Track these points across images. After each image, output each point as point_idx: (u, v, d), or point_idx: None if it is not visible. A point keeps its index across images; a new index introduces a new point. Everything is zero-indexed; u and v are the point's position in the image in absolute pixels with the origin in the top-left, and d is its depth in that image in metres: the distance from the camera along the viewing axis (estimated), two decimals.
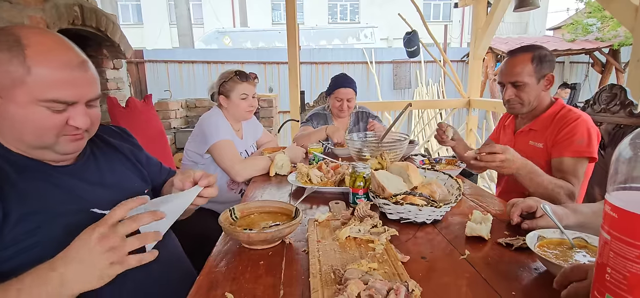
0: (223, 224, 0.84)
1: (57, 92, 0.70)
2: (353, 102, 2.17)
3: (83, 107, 0.76)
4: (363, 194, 1.10)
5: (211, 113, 1.72)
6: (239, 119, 1.79)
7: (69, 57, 0.73)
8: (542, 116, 1.44)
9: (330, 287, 0.65)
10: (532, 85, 1.40)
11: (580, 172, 1.31)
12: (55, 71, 0.70)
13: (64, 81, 0.71)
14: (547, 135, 1.40)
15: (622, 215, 0.41)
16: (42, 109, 0.70)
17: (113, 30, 3.14)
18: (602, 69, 7.11)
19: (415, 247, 0.85)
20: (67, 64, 0.72)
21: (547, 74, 1.40)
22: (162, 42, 15.38)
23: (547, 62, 1.39)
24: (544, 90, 1.43)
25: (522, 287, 0.68)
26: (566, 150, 1.32)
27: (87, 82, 0.76)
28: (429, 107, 5.96)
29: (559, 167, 1.34)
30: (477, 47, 3.62)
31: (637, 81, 1.84)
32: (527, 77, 1.39)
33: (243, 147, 1.79)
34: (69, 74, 0.72)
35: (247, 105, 1.73)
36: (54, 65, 0.70)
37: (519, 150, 1.50)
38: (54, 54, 0.71)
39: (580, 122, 1.32)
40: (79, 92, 0.74)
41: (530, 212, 0.93)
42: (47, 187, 0.75)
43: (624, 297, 0.41)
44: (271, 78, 7.06)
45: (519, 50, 1.43)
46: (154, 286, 0.85)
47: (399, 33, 5.92)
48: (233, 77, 1.70)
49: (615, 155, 0.43)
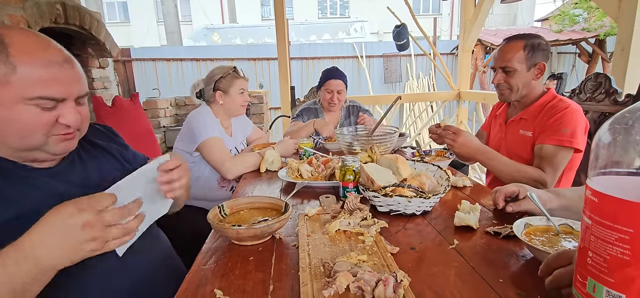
0: (212, 221, 0.83)
1: (44, 89, 0.69)
2: (343, 95, 2.17)
3: (73, 104, 0.75)
4: (353, 187, 1.10)
5: (199, 111, 1.70)
6: (233, 114, 1.78)
7: (53, 54, 0.72)
8: (533, 105, 1.46)
9: (320, 280, 0.65)
10: (521, 72, 1.41)
11: (558, 161, 1.31)
12: (41, 68, 0.69)
13: (50, 78, 0.70)
14: (536, 124, 1.41)
15: (602, 200, 0.41)
16: (30, 107, 0.69)
17: (98, 29, 3.08)
18: (589, 59, 7.22)
19: (405, 238, 0.85)
20: (53, 60, 0.71)
21: (539, 63, 1.41)
22: (150, 40, 15.15)
23: (541, 52, 1.40)
24: (534, 79, 1.44)
25: (510, 274, 0.69)
26: (549, 137, 1.33)
27: (74, 79, 0.75)
28: (419, 100, 5.99)
29: (538, 153, 1.36)
30: (466, 39, 3.64)
31: (621, 69, 1.87)
32: (517, 63, 1.41)
33: (233, 144, 1.78)
34: (55, 71, 0.71)
35: (243, 100, 1.75)
36: (39, 62, 0.69)
37: (509, 140, 1.52)
38: (39, 52, 0.70)
39: (568, 112, 1.33)
40: (66, 89, 0.72)
41: (514, 197, 0.96)
42: (30, 191, 0.73)
43: (605, 280, 0.42)
44: (261, 74, 7.01)
45: (515, 37, 1.44)
46: (144, 285, 0.84)
47: (389, 27, 5.93)
48: (231, 72, 1.71)
49: (595, 141, 0.44)
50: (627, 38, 1.83)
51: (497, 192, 0.97)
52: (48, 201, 0.75)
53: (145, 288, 0.84)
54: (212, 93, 1.71)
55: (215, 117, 1.71)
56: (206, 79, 1.74)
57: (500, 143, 1.59)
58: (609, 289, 0.41)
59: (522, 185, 0.96)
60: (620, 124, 0.42)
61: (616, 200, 0.40)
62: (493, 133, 1.68)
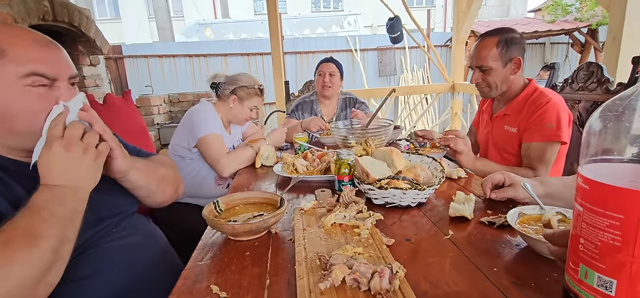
0: (207, 217, 0.83)
1: (36, 65, 0.71)
2: (336, 78, 2.17)
3: (67, 84, 0.77)
4: (348, 181, 1.11)
5: (202, 106, 1.69)
6: (234, 121, 1.78)
7: (36, 36, 0.75)
8: (515, 100, 1.46)
9: (316, 273, 0.65)
10: (497, 69, 1.41)
11: (548, 157, 1.32)
12: (29, 50, 0.72)
13: (39, 56, 0.72)
14: (520, 119, 1.42)
15: (593, 187, 0.42)
16: (26, 88, 0.71)
17: (87, 25, 3.03)
18: (582, 48, 7.28)
19: (401, 230, 0.86)
20: (37, 41, 0.74)
21: (514, 57, 1.40)
22: (141, 37, 14.97)
23: (515, 46, 1.39)
24: (512, 73, 1.43)
25: (504, 263, 0.69)
26: (535, 135, 1.34)
27: (62, 59, 0.77)
28: (413, 93, 6.00)
29: (527, 153, 1.36)
30: (460, 31, 3.65)
31: (613, 58, 1.89)
32: (492, 61, 1.40)
33: (231, 142, 1.78)
34: (43, 50, 0.74)
35: (250, 115, 1.76)
36: (26, 44, 0.72)
37: (495, 135, 1.54)
38: (23, 36, 0.73)
39: (550, 106, 1.33)
40: (57, 68, 0.75)
41: (500, 185, 0.98)
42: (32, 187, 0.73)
43: (596, 266, 0.42)
44: (255, 69, 6.97)
45: (488, 33, 1.44)
46: (141, 281, 0.84)
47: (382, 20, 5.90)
48: (255, 89, 1.71)
49: (586, 129, 0.44)
50: (619, 27, 1.84)
51: (485, 182, 0.99)
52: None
53: (143, 284, 0.84)
54: (229, 94, 1.69)
55: (217, 115, 1.70)
56: (230, 77, 1.72)
57: (488, 138, 1.60)
58: (600, 275, 0.42)
59: (507, 174, 0.99)
60: (611, 111, 0.42)
61: (607, 186, 0.40)
62: (480, 129, 1.69)
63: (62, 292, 0.71)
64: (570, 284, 0.46)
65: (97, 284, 0.77)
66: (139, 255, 0.87)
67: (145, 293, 0.84)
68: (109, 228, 0.85)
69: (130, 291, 0.81)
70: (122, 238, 0.86)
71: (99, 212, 0.82)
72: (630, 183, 0.39)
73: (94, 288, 0.76)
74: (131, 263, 0.84)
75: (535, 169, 1.32)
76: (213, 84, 1.74)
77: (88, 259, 0.78)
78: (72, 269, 0.73)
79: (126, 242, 0.86)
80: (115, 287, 0.79)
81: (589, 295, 0.43)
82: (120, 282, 0.80)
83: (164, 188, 1.01)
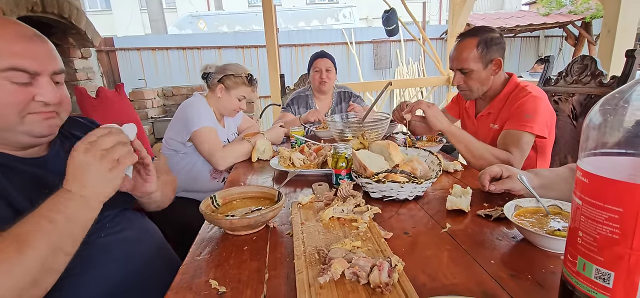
0: (204, 212, 0.82)
1: (15, 60, 0.68)
2: (332, 74, 2.16)
3: (48, 80, 0.73)
4: (345, 174, 1.11)
5: (194, 99, 1.67)
6: (223, 112, 1.76)
7: (21, 29, 0.71)
8: (497, 98, 1.45)
9: (315, 267, 0.65)
10: (478, 71, 1.40)
11: (523, 144, 1.29)
12: (10, 42, 0.68)
13: (21, 50, 0.69)
14: (501, 115, 1.42)
15: (593, 180, 0.42)
16: (2, 82, 0.67)
17: (78, 17, 2.97)
18: (575, 41, 7.32)
19: (398, 223, 0.86)
20: (21, 34, 0.70)
21: (495, 58, 1.39)
22: (134, 29, 14.72)
23: (495, 46, 1.37)
24: (493, 74, 1.42)
25: (501, 255, 0.70)
26: (511, 123, 1.33)
27: (47, 52, 0.74)
28: (409, 86, 6.00)
29: (503, 139, 1.34)
30: (455, 24, 3.64)
31: (607, 51, 1.90)
32: (473, 63, 1.38)
33: (225, 135, 1.76)
34: (26, 44, 0.70)
35: (238, 105, 1.71)
36: (8, 36, 0.68)
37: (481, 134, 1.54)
38: (7, 28, 0.69)
39: (529, 98, 1.32)
40: (39, 62, 0.71)
41: (498, 177, 0.99)
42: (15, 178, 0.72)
43: (594, 258, 0.42)
44: (250, 62, 6.90)
45: (467, 33, 1.41)
46: (138, 277, 0.84)
47: (377, 12, 5.87)
48: (243, 78, 1.67)
49: (586, 122, 0.44)
50: (613, 19, 1.86)
51: (482, 174, 0.99)
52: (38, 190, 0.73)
53: (139, 280, 0.84)
54: (216, 83, 1.67)
55: (209, 107, 1.68)
56: (219, 67, 1.70)
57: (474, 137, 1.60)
58: (598, 267, 0.42)
59: (504, 166, 0.99)
60: (610, 104, 0.42)
61: (606, 180, 0.41)
62: (466, 126, 1.70)
63: (54, 288, 0.71)
64: (568, 276, 0.47)
65: (91, 280, 0.76)
66: (134, 250, 0.86)
67: (142, 288, 0.84)
68: (103, 223, 0.84)
69: (126, 287, 0.81)
70: (116, 233, 0.85)
71: None
72: (629, 176, 0.39)
73: (88, 284, 0.76)
74: (126, 259, 0.83)
75: (510, 152, 1.29)
76: (204, 75, 1.72)
77: (81, 254, 0.77)
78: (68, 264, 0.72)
79: (121, 237, 0.86)
80: (110, 283, 0.78)
81: (586, 287, 0.44)
82: (115, 278, 0.79)
83: (168, 194, 1.03)
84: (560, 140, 1.63)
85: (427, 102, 1.36)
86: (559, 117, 1.64)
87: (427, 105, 1.34)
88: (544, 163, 1.47)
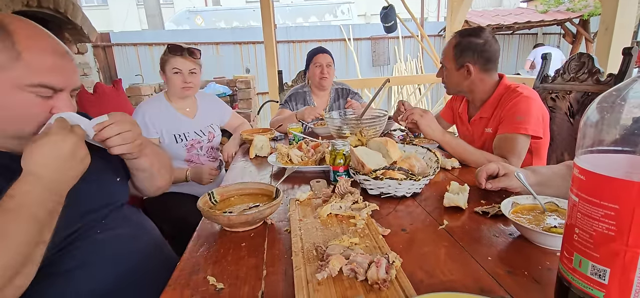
0: (202, 208, 0.82)
1: (46, 77, 0.70)
2: (332, 69, 2.16)
3: (68, 96, 0.76)
4: (343, 171, 1.11)
5: (141, 104, 1.63)
6: (177, 96, 1.67)
7: (56, 45, 0.74)
8: (488, 102, 1.44)
9: (313, 264, 0.65)
10: (451, 70, 1.42)
11: (518, 148, 1.28)
12: (46, 57, 0.70)
13: (53, 67, 0.71)
14: (494, 119, 1.41)
15: (589, 177, 0.42)
16: (28, 95, 0.69)
17: (74, 12, 2.95)
18: (573, 39, 7.33)
19: (396, 220, 0.86)
20: (56, 50, 0.73)
21: (466, 63, 1.38)
22: (130, 24, 14.60)
23: (469, 51, 1.36)
24: (464, 79, 1.42)
25: (498, 251, 0.70)
26: (505, 127, 1.32)
27: (73, 71, 0.76)
28: (407, 83, 6.00)
29: (497, 144, 1.33)
30: (454, 21, 3.64)
31: (605, 48, 1.90)
32: (448, 61, 1.42)
33: (193, 127, 1.69)
34: (58, 60, 0.72)
35: (181, 80, 1.60)
36: (44, 51, 0.70)
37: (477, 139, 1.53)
38: (43, 41, 0.71)
39: (521, 99, 1.31)
40: (66, 80, 0.74)
41: (495, 175, 0.99)
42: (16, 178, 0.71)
43: (590, 255, 0.43)
44: (248, 58, 6.87)
45: (458, 32, 1.44)
46: (135, 273, 0.84)
47: (376, 8, 5.86)
48: (166, 50, 1.61)
49: (583, 120, 0.44)
50: (611, 17, 1.86)
51: (479, 172, 1.00)
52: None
53: (136, 276, 0.83)
54: (161, 72, 1.64)
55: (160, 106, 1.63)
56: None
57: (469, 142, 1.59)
58: (594, 263, 0.43)
59: (501, 164, 1.00)
60: (607, 102, 0.42)
61: (603, 177, 0.41)
62: (460, 131, 1.70)
63: (50, 285, 0.71)
64: (564, 272, 0.47)
65: (88, 277, 0.76)
66: (131, 247, 0.86)
67: (138, 285, 0.83)
68: (97, 220, 0.84)
69: (122, 284, 0.80)
70: (111, 229, 0.85)
71: (87, 204, 0.81)
72: (626, 174, 0.39)
73: (84, 281, 0.75)
74: (122, 256, 0.83)
75: (506, 158, 1.28)
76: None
77: (76, 252, 0.76)
78: (59, 262, 0.72)
79: (116, 233, 0.85)
80: (106, 280, 0.78)
81: (582, 283, 0.44)
82: (111, 275, 0.79)
83: (164, 173, 1.02)
84: (557, 138, 1.64)
85: (421, 110, 1.35)
86: (556, 114, 1.65)
87: (420, 114, 1.33)
88: (539, 164, 1.47)
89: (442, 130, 1.33)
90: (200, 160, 1.71)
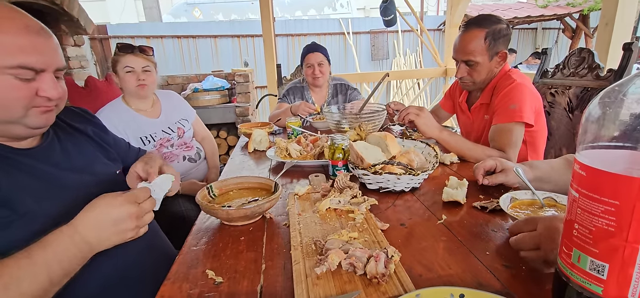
0: (201, 202, 0.82)
1: (23, 57, 0.67)
2: (325, 67, 2.14)
3: (52, 76, 0.73)
4: (342, 166, 1.10)
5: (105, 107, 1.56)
6: (133, 97, 1.61)
7: (28, 22, 0.69)
8: (488, 87, 1.44)
9: (312, 258, 0.65)
10: (484, 63, 1.37)
11: (514, 137, 1.27)
12: (18, 37, 0.67)
13: (28, 46, 0.68)
14: (491, 105, 1.40)
15: (590, 173, 0.42)
16: (8, 77, 0.66)
17: (70, 3, 2.91)
18: (572, 34, 7.32)
19: (395, 214, 0.86)
20: (29, 29, 0.69)
21: (501, 50, 1.36)
22: (127, 16, 14.46)
23: (502, 38, 1.34)
24: (497, 67, 1.40)
25: (496, 246, 0.71)
26: (499, 116, 1.31)
27: (52, 49, 0.73)
28: (406, 77, 5.98)
29: (493, 136, 1.33)
30: (454, 15, 3.62)
31: (605, 44, 1.90)
32: (480, 56, 1.35)
33: (160, 126, 1.64)
34: (33, 39, 0.69)
35: (135, 79, 1.54)
36: (15, 30, 0.66)
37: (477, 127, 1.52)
38: (14, 20, 0.67)
39: (513, 87, 1.30)
40: (45, 59, 0.70)
41: (492, 171, 0.99)
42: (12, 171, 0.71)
43: (589, 250, 0.43)
44: (246, 52, 6.83)
45: (474, 23, 1.36)
46: (134, 269, 0.84)
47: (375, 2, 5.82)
48: (115, 50, 1.55)
49: (585, 116, 0.44)
50: (612, 12, 1.85)
51: (477, 168, 1.00)
52: (35, 182, 0.72)
53: (135, 271, 0.83)
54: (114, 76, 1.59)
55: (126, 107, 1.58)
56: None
57: (470, 130, 1.59)
58: (593, 259, 0.43)
59: (498, 159, 1.00)
60: (610, 98, 0.42)
61: (603, 173, 0.41)
62: (461, 120, 1.69)
63: None
64: (563, 268, 0.47)
65: (86, 273, 0.75)
66: (129, 242, 0.86)
67: (137, 280, 0.84)
68: None
69: (121, 279, 0.81)
70: None
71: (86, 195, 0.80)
72: (626, 170, 0.39)
73: (82, 277, 0.75)
74: (121, 251, 0.82)
75: (503, 151, 1.28)
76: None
77: None
78: None
79: None
80: (105, 275, 0.78)
81: (581, 279, 0.44)
82: (110, 270, 0.79)
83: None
84: (556, 133, 1.64)
85: (416, 108, 1.32)
86: (555, 109, 1.65)
87: (416, 113, 1.31)
88: (536, 155, 1.47)
89: (439, 127, 1.32)
90: (173, 154, 1.65)
